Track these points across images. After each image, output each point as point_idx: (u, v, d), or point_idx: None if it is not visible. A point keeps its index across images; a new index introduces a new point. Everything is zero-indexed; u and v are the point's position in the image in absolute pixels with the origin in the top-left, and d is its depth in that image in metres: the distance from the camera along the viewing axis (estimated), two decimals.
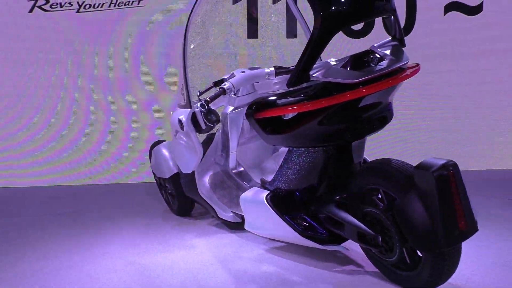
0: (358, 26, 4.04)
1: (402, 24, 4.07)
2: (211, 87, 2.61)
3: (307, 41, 2.86)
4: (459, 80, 4.20)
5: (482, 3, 4.11)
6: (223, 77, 2.60)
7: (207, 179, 2.88)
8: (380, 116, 2.18)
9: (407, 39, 3.95)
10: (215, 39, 3.98)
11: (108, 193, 3.76)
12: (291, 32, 4.00)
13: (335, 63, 2.14)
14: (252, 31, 4.05)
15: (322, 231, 2.25)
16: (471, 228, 1.81)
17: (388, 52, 2.14)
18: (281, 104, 2.18)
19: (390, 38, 2.23)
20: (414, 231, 1.83)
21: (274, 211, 2.28)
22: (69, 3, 3.85)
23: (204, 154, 2.83)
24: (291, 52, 3.95)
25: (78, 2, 3.86)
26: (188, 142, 2.63)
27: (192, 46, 3.16)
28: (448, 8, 4.13)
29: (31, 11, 3.82)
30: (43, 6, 3.82)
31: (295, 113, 2.15)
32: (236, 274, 2.23)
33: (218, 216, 2.77)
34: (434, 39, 4.14)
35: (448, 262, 1.86)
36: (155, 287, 2.11)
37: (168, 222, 2.98)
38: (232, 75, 2.56)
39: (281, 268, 2.27)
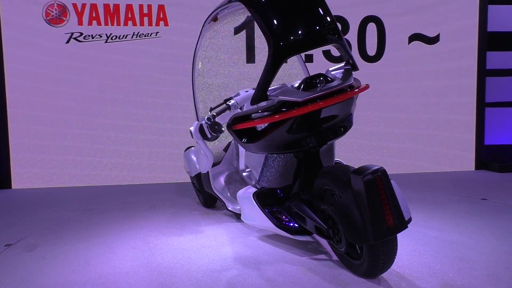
0: (337, 53, 4.76)
1: (374, 51, 4.79)
2: (222, 104, 2.97)
3: (297, 66, 3.34)
4: (420, 96, 4.84)
5: (439, 34, 4.83)
6: (231, 96, 2.97)
7: (223, 177, 3.27)
8: (340, 126, 2.37)
9: (378, 63, 4.75)
10: (220, 64, 4.49)
11: (156, 190, 4.24)
12: None
13: (297, 84, 2.35)
14: (250, 57, 4.63)
15: (294, 223, 2.42)
16: (400, 225, 1.93)
17: (338, 75, 2.36)
18: (251, 118, 2.38)
19: (344, 63, 2.47)
20: (348, 225, 1.99)
21: (257, 205, 2.49)
22: (99, 35, 4.47)
23: (223, 157, 3.33)
24: (283, 74, 4.39)
25: (106, 34, 4.46)
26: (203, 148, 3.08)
27: (200, 66, 3.57)
28: (411, 38, 4.81)
29: (68, 42, 4.44)
30: (78, 38, 4.44)
31: (264, 125, 2.31)
32: (223, 256, 2.47)
33: (227, 208, 3.09)
34: (400, 63, 4.81)
35: (382, 254, 1.98)
36: (154, 262, 2.41)
37: (193, 212, 3.42)
38: (238, 94, 2.91)
39: (262, 252, 2.51)
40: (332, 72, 2.39)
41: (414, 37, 4.82)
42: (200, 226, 3.06)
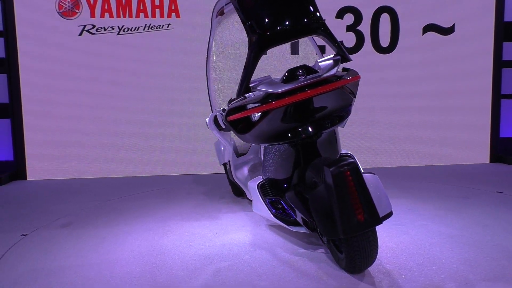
0: (350, 44, 4.75)
1: (387, 42, 4.73)
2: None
3: (307, 58, 3.30)
4: (434, 89, 4.79)
5: (454, 25, 4.76)
6: None
7: (248, 167, 3.28)
8: (335, 116, 2.33)
9: (392, 54, 4.69)
10: (234, 57, 4.30)
11: (197, 180, 4.32)
12: (294, 50, 4.53)
13: (286, 74, 2.35)
14: None
15: (292, 214, 2.42)
16: (371, 221, 1.90)
17: (324, 66, 2.31)
18: (240, 110, 2.38)
19: (334, 54, 2.40)
20: (319, 218, 2.01)
21: (260, 195, 2.51)
22: (111, 27, 4.50)
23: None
24: (295, 65, 4.47)
25: (118, 26, 4.49)
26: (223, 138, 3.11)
27: (215, 59, 3.61)
28: (426, 29, 4.74)
29: (80, 34, 4.48)
30: (90, 30, 4.48)
31: (254, 117, 2.30)
32: (224, 242, 2.55)
33: (247, 198, 3.07)
34: (414, 54, 4.75)
35: (357, 249, 1.95)
36: (160, 244, 2.54)
37: (222, 200, 3.50)
38: None
39: (262, 241, 2.56)
40: (319, 63, 2.36)
41: (429, 28, 4.75)
42: (220, 213, 3.16)
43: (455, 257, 2.27)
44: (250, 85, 2.27)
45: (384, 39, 4.75)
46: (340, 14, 4.69)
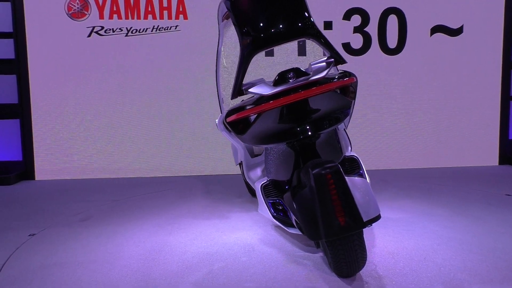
0: (357, 46, 4.74)
1: (395, 43, 4.72)
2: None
3: (315, 58, 3.25)
4: (442, 90, 4.76)
5: (462, 26, 4.74)
6: None
7: (261, 168, 3.23)
8: (332, 117, 2.32)
9: (399, 56, 4.66)
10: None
11: (211, 180, 4.34)
12: (302, 51, 4.56)
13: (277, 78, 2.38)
14: (269, 50, 4.51)
15: (291, 216, 2.40)
16: (353, 225, 1.90)
17: (315, 68, 2.31)
18: (236, 111, 2.39)
19: (327, 56, 2.38)
20: (303, 219, 2.03)
21: (262, 196, 2.51)
22: (119, 29, 4.53)
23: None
24: (302, 67, 4.48)
25: (126, 28, 4.53)
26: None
27: (224, 63, 3.58)
28: (433, 30, 4.72)
29: (89, 35, 4.52)
30: (99, 32, 4.52)
31: (251, 118, 2.32)
32: (226, 242, 2.57)
33: None
34: (422, 56, 4.73)
35: (342, 252, 1.96)
36: (165, 240, 2.61)
37: (237, 199, 3.52)
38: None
39: (264, 241, 2.58)
40: (312, 66, 2.36)
41: (437, 29, 4.72)
42: (231, 213, 3.18)
43: (455, 265, 2.21)
44: (243, 87, 2.30)
45: (392, 41, 4.73)
46: (348, 16, 4.69)
